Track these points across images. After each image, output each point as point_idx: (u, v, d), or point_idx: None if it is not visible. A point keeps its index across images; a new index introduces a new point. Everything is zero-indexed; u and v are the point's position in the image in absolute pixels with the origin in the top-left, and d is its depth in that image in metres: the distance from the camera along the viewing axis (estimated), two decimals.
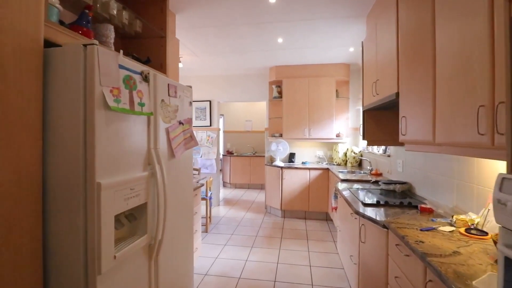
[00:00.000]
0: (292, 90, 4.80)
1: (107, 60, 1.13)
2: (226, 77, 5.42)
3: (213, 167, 5.43)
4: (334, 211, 3.58)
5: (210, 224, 4.31)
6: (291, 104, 4.80)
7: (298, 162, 5.07)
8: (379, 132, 2.86)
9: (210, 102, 5.43)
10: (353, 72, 4.91)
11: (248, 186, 7.28)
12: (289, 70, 4.84)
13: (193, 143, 1.92)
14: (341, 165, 4.71)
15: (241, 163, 7.20)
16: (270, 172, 4.82)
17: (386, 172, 3.34)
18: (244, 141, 7.68)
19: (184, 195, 1.91)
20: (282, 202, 4.58)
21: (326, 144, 5.05)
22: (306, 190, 4.49)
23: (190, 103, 1.99)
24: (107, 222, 1.11)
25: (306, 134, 4.74)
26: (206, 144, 5.45)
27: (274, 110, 5.15)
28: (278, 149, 4.74)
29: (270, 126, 5.17)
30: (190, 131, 1.92)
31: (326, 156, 5.05)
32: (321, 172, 4.44)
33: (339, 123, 4.92)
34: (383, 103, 2.27)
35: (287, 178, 4.54)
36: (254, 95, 5.34)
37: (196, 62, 4.65)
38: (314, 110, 4.73)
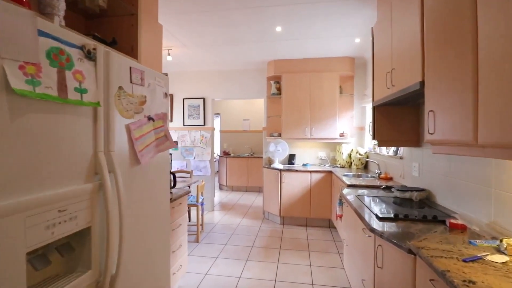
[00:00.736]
0: (292, 86, 4.43)
1: (14, 21, 0.75)
2: (221, 72, 5.04)
3: (207, 169, 5.05)
4: (339, 220, 3.21)
5: (202, 232, 3.93)
6: (291, 102, 4.43)
7: (298, 164, 4.70)
8: (392, 131, 2.49)
9: (203, 99, 5.05)
10: (358, 66, 4.54)
11: (245, 189, 6.91)
12: (288, 65, 4.46)
13: (168, 144, 1.55)
14: (345, 167, 4.33)
15: (238, 164, 6.82)
16: (268, 175, 4.45)
17: (398, 176, 2.96)
18: (242, 141, 7.31)
19: (156, 209, 1.54)
20: (281, 208, 4.20)
21: (329, 145, 4.67)
22: (307, 195, 4.11)
23: (165, 94, 1.61)
24: (8, 266, 0.73)
25: (307, 134, 4.37)
26: (199, 145, 5.08)
27: (272, 108, 4.78)
28: (277, 150, 4.37)
29: (268, 125, 4.80)
30: (165, 129, 1.55)
31: (328, 157, 4.67)
32: (324, 175, 4.06)
33: (343, 122, 4.55)
34: (401, 96, 1.89)
35: (287, 182, 4.17)
36: (251, 92, 4.96)
37: (187, 55, 4.27)
38: (316, 107, 4.35)
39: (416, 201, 2.21)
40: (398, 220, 1.70)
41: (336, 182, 3.65)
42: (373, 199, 2.29)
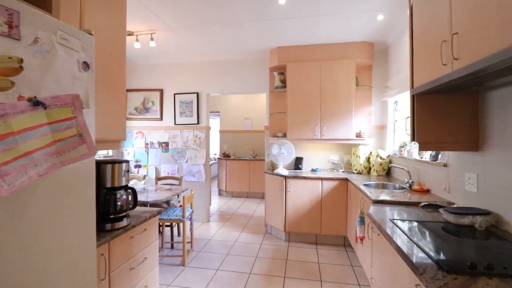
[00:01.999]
0: (299, 78, 3.75)
1: None
2: (216, 63, 4.39)
3: (201, 174, 4.40)
4: (360, 242, 2.52)
5: (191, 251, 3.28)
6: (298, 96, 3.75)
7: (306, 169, 4.01)
8: (440, 129, 1.79)
9: (197, 94, 4.41)
10: (378, 54, 3.83)
11: (247, 195, 6.24)
12: (295, 52, 3.78)
13: (85, 150, 0.89)
14: (362, 173, 3.63)
15: (239, 167, 6.16)
16: (271, 182, 3.77)
17: (440, 189, 2.26)
18: (243, 142, 6.65)
19: (65, 260, 0.89)
20: (286, 222, 3.52)
21: (343, 147, 3.98)
22: (318, 207, 3.43)
23: (85, 64, 0.96)
24: None
25: (317, 134, 3.68)
26: (192, 146, 4.44)
27: (276, 104, 4.10)
28: (281, 153, 3.69)
29: (271, 124, 4.12)
30: (79, 124, 0.89)
31: (342, 161, 3.97)
32: (338, 183, 3.37)
33: (360, 119, 3.85)
34: (469, 75, 1.20)
35: (293, 191, 3.49)
36: (251, 86, 4.30)
37: (174, 41, 3.63)
38: (327, 102, 3.67)
39: (480, 230, 1.52)
40: (478, 273, 1.02)
41: (354, 193, 2.95)
42: (417, 225, 1.61)
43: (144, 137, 4.63)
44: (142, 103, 4.62)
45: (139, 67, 4.64)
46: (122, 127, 1.89)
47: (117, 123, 1.83)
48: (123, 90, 1.89)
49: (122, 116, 1.88)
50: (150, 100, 4.60)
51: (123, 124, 1.90)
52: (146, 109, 4.62)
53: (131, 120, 4.68)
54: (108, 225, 1.46)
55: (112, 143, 1.84)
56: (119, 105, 1.85)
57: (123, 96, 1.90)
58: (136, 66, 4.65)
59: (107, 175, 1.47)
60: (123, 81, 1.89)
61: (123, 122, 1.90)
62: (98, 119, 1.67)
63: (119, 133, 1.86)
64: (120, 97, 1.87)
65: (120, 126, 1.86)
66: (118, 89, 1.85)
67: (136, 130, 4.66)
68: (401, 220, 1.70)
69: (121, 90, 1.87)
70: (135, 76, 4.66)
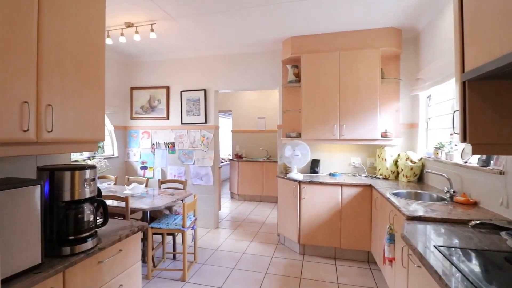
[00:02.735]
0: (315, 70, 3.34)
1: None
2: (224, 58, 4.07)
3: (209, 177, 4.09)
4: (389, 264, 2.09)
5: (195, 263, 2.97)
6: (314, 91, 3.34)
7: (324, 173, 3.59)
8: (504, 127, 1.34)
9: (205, 91, 4.10)
10: (407, 41, 3.35)
11: (260, 199, 5.88)
12: (310, 42, 3.38)
13: None
14: (389, 178, 3.16)
15: (252, 169, 5.82)
16: (284, 187, 3.39)
17: (495, 203, 1.78)
18: (256, 142, 6.30)
19: None
20: (300, 233, 3.12)
21: (366, 148, 3.51)
22: (337, 216, 3.00)
23: None
24: None
25: (336, 134, 3.25)
26: (200, 147, 4.14)
27: (289, 100, 3.71)
28: (295, 155, 3.29)
29: (285, 123, 3.74)
30: None
31: (365, 165, 3.51)
32: (360, 190, 2.92)
33: (386, 117, 3.37)
34: None
35: (308, 198, 3.09)
36: (263, 81, 3.93)
37: (176, 32, 3.34)
38: (348, 98, 3.23)
39: None
40: None
41: (381, 203, 2.51)
42: (466, 253, 1.18)
43: (150, 137, 4.39)
44: (148, 102, 4.39)
45: (144, 63, 4.41)
46: (100, 126, 1.59)
47: (93, 121, 1.54)
48: (100, 82, 1.59)
49: (99, 113, 1.58)
50: (156, 98, 4.36)
51: (101, 122, 1.60)
52: (152, 108, 4.38)
53: (137, 120, 4.46)
54: (67, 249, 1.15)
55: (87, 144, 1.55)
56: (96, 100, 1.56)
57: (101, 89, 1.60)
58: (142, 63, 4.42)
59: (65, 185, 1.16)
60: (100, 72, 1.59)
61: (101, 119, 1.60)
62: (65, 116, 1.38)
63: (96, 133, 1.56)
64: (97, 90, 1.57)
65: (97, 124, 1.57)
66: (95, 81, 1.55)
67: (142, 130, 4.44)
68: (449, 247, 1.27)
69: (98, 82, 1.57)
70: (140, 73, 4.44)
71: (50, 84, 1.29)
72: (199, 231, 3.95)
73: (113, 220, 1.61)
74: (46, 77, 1.28)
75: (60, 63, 1.35)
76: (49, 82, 1.29)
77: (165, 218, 2.86)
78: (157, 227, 2.65)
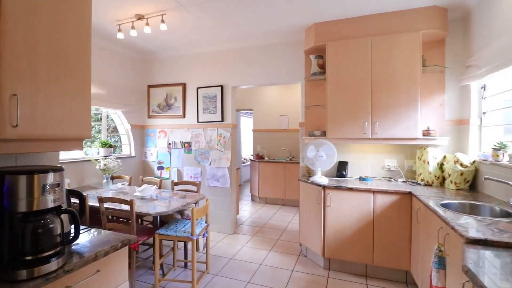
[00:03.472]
0: (342, 60, 2.93)
1: None
2: (241, 52, 3.78)
3: (226, 179, 3.83)
4: None
5: (207, 273, 2.71)
6: (341, 83, 2.94)
7: (352, 177, 3.17)
8: None
9: (221, 87, 3.85)
10: (453, 23, 2.83)
11: (281, 202, 5.53)
12: (337, 27, 2.98)
13: None
14: (432, 185, 2.67)
15: (273, 171, 5.48)
16: (306, 193, 3.02)
17: None
18: (278, 142, 5.95)
19: None
20: (325, 245, 2.74)
21: (403, 149, 3.04)
22: (369, 228, 2.58)
23: None
24: None
25: (368, 132, 2.82)
26: (216, 147, 3.90)
27: (313, 95, 3.33)
28: (319, 156, 2.91)
29: (308, 120, 3.36)
30: None
31: (402, 168, 3.03)
32: (398, 199, 2.48)
33: (428, 112, 2.88)
34: None
35: (335, 205, 2.70)
36: (283, 75, 3.59)
37: (188, 24, 3.11)
38: (381, 90, 2.79)
39: None
40: None
41: (425, 215, 2.06)
42: None
43: (166, 136, 4.24)
44: (165, 99, 4.24)
45: (161, 60, 4.26)
46: (84, 121, 1.36)
47: (75, 116, 1.32)
48: (85, 71, 1.37)
49: (83, 107, 1.36)
50: (172, 95, 4.19)
51: (86, 117, 1.37)
52: (168, 106, 4.22)
53: (154, 118, 4.33)
54: (22, 273, 0.92)
55: (68, 142, 1.33)
56: (79, 91, 1.33)
57: (86, 79, 1.37)
58: (158, 60, 4.28)
59: (19, 192, 0.93)
60: (85, 59, 1.36)
61: (86, 114, 1.37)
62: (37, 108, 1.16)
63: (79, 129, 1.34)
64: (81, 80, 1.34)
65: (81, 119, 1.34)
66: (77, 69, 1.33)
67: (159, 129, 4.30)
68: None
69: (82, 71, 1.35)
70: (157, 70, 4.30)
71: (15, 70, 1.07)
72: (215, 236, 3.70)
73: (99, 232, 1.37)
74: (11, 61, 1.06)
75: (30, 45, 1.13)
76: (15, 68, 1.07)
77: (174, 224, 2.63)
78: (164, 233, 2.42)
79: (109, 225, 2.45)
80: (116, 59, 3.89)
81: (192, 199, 2.80)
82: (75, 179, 3.35)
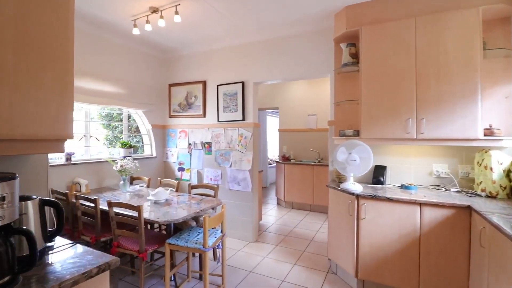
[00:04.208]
0: (379, 47, 2.50)
1: None
2: (262, 43, 3.47)
3: (247, 182, 3.55)
4: None
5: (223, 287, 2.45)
6: (378, 74, 2.50)
7: (392, 184, 2.71)
8: None
9: (242, 84, 3.58)
10: None
11: (309, 208, 5.12)
12: (372, 9, 2.55)
13: None
14: (497, 196, 2.14)
15: (300, 173, 5.10)
16: (336, 201, 2.63)
17: None
18: (306, 143, 5.55)
19: None
20: (358, 264, 2.34)
21: (457, 151, 2.52)
22: (414, 248, 2.13)
23: None
24: None
25: (412, 131, 2.36)
26: (237, 148, 3.64)
27: (344, 89, 2.93)
28: (351, 159, 2.51)
29: (338, 118, 2.96)
30: None
31: (455, 175, 2.51)
32: (452, 214, 2.00)
33: (490, 106, 2.34)
34: None
35: (371, 219, 2.28)
36: (310, 68, 3.22)
37: (206, 14, 2.88)
38: (429, 81, 2.31)
39: None
40: None
41: (494, 238, 1.59)
42: None
43: (187, 136, 4.07)
44: (185, 98, 4.08)
45: (181, 58, 4.11)
46: (64, 119, 1.15)
47: (52, 112, 1.11)
48: (66, 62, 1.16)
49: (63, 102, 1.15)
50: (193, 94, 4.01)
51: (66, 114, 1.16)
52: (189, 105, 4.05)
53: (175, 118, 4.19)
54: None
55: (43, 143, 1.12)
56: (56, 84, 1.13)
57: (67, 72, 1.16)
58: (179, 58, 4.13)
59: None
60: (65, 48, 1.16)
61: (67, 112, 1.16)
62: (4, 103, 0.97)
63: (58, 129, 1.13)
64: (60, 72, 1.14)
65: (59, 117, 1.14)
66: (55, 59, 1.12)
67: (179, 129, 4.15)
68: None
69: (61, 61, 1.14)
70: (178, 68, 4.16)
71: None
72: (235, 244, 3.44)
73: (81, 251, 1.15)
74: None
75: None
76: None
77: (187, 232, 2.41)
78: (174, 243, 2.20)
79: (118, 232, 2.29)
80: (136, 58, 3.81)
81: (207, 205, 2.56)
82: (95, 180, 3.29)
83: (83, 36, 3.12)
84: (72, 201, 2.64)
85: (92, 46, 3.23)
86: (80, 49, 3.08)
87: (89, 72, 3.19)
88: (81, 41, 3.10)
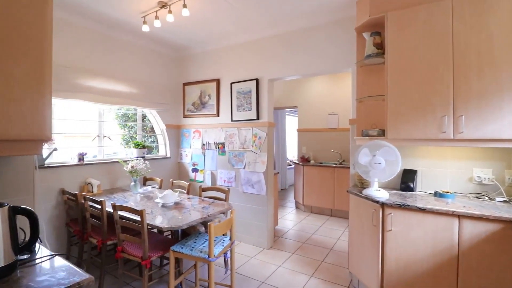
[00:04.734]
0: (408, 34, 2.19)
1: None
2: (277, 38, 3.25)
3: (261, 185, 3.36)
4: None
5: None
6: (407, 65, 2.20)
7: (424, 191, 2.39)
8: None
9: (256, 81, 3.39)
10: None
11: (330, 213, 4.82)
12: None
13: None
14: None
15: (320, 176, 4.81)
16: (358, 209, 2.36)
17: None
18: (326, 144, 5.25)
19: None
20: (384, 281, 2.05)
21: (503, 154, 2.15)
22: (451, 268, 1.82)
23: None
24: None
25: (448, 130, 2.04)
26: (251, 149, 3.45)
27: (367, 84, 2.64)
28: (375, 162, 2.22)
29: (360, 116, 2.68)
30: None
31: (502, 182, 2.14)
32: (499, 229, 1.68)
33: None
34: None
35: (398, 231, 1.99)
36: (329, 61, 2.96)
37: (216, 7, 2.72)
38: (469, 72, 1.98)
39: None
40: None
41: None
42: None
43: (201, 136, 3.96)
44: (199, 97, 3.96)
45: (194, 56, 4.01)
46: (40, 119, 1.03)
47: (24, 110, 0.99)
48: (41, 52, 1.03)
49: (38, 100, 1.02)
50: (206, 93, 3.89)
51: (43, 113, 1.04)
52: (203, 104, 3.93)
53: (189, 118, 4.09)
54: None
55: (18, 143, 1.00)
56: (29, 78, 1.00)
57: (43, 64, 1.03)
58: (192, 56, 4.03)
59: None
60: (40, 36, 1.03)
61: (42, 110, 1.04)
62: None
63: (32, 128, 1.01)
64: (34, 64, 1.01)
65: (33, 116, 1.01)
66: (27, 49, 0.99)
67: (193, 129, 4.05)
68: None
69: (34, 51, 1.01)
70: (192, 67, 4.06)
71: None
72: (249, 251, 3.26)
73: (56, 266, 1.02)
74: None
75: None
76: None
77: (194, 239, 2.26)
78: (179, 251, 2.06)
79: (123, 236, 2.19)
80: (148, 58, 3.75)
81: (216, 210, 2.40)
82: (107, 181, 3.26)
83: (94, 35, 3.09)
84: (81, 202, 2.59)
85: (104, 46, 3.20)
86: (91, 48, 3.05)
87: (102, 72, 3.16)
88: (93, 41, 3.07)
